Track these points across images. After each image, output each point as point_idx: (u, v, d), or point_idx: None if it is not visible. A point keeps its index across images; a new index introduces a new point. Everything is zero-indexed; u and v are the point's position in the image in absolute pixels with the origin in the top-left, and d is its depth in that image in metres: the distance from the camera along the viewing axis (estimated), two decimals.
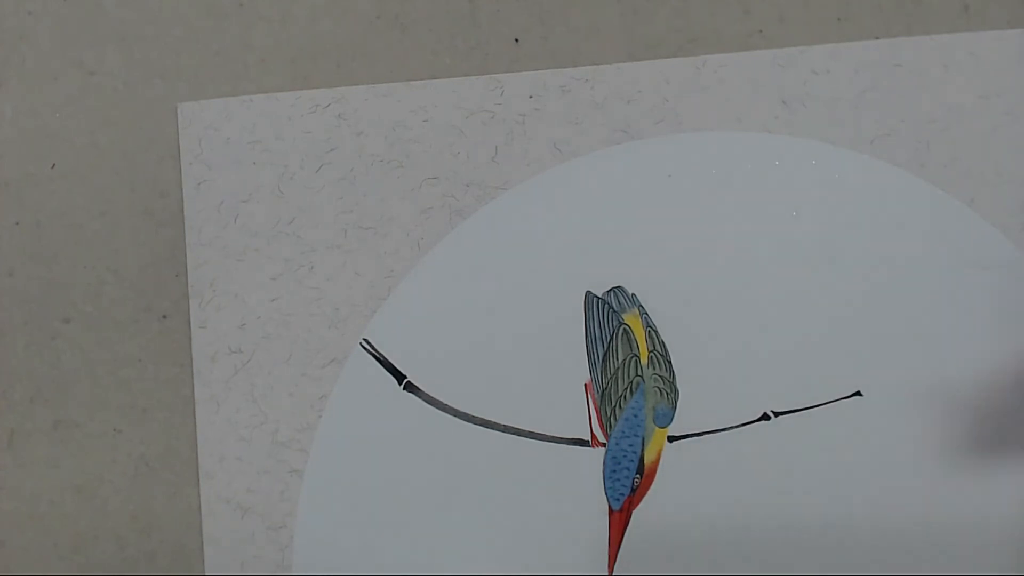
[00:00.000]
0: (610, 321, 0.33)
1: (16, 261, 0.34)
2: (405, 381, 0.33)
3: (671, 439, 0.33)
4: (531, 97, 0.34)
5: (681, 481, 0.32)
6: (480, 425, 0.33)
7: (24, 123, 0.35)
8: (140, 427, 0.33)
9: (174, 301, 0.34)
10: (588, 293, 0.33)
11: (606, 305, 0.33)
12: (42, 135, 0.35)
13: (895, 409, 0.32)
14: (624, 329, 0.33)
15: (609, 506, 0.32)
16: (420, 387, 0.33)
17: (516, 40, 0.34)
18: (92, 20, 0.35)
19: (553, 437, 0.33)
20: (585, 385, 0.33)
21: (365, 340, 0.33)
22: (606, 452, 0.32)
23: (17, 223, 0.34)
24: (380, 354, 0.33)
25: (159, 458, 0.33)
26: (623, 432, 0.33)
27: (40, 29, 0.35)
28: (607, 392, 0.33)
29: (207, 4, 0.35)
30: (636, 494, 0.32)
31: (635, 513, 0.32)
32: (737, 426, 0.32)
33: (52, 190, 0.35)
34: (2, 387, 0.34)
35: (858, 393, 0.32)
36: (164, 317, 0.34)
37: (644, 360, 0.33)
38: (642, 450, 0.32)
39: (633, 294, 0.33)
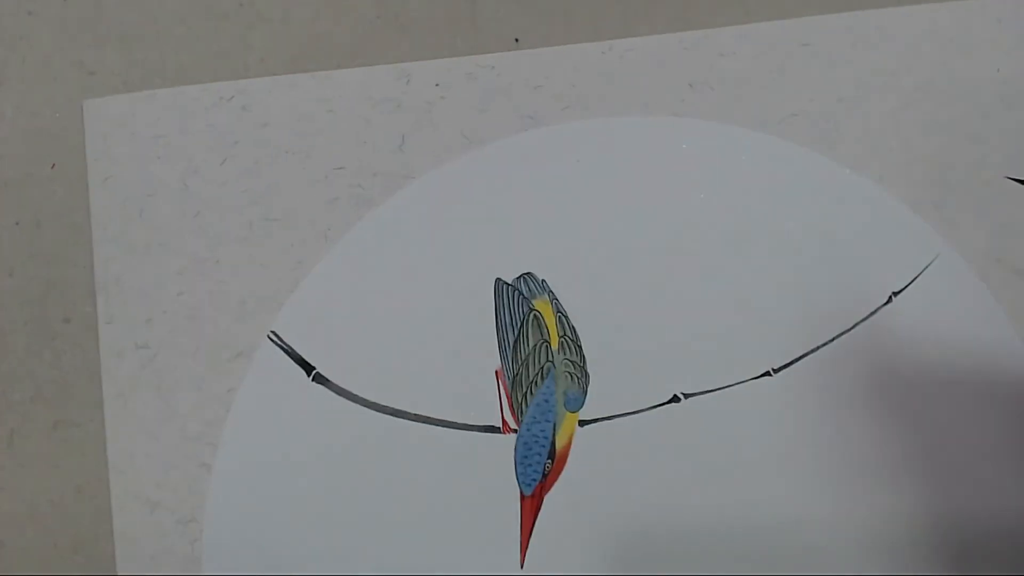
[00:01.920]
0: (520, 307, 0.33)
1: (16, 261, 0.34)
2: (314, 372, 0.33)
3: (582, 423, 0.33)
4: (437, 85, 0.34)
5: (592, 465, 0.32)
6: (390, 415, 0.33)
7: (24, 123, 0.35)
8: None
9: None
10: (498, 280, 0.33)
11: (516, 292, 0.33)
12: (42, 135, 0.35)
13: (805, 388, 0.32)
14: (534, 315, 0.33)
15: (520, 492, 0.32)
16: (329, 378, 0.33)
17: (516, 40, 0.34)
18: (92, 20, 0.35)
19: (464, 425, 0.33)
20: (496, 372, 0.33)
21: (273, 332, 0.33)
22: (517, 438, 0.32)
23: (17, 223, 0.34)
24: (288, 346, 0.33)
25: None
26: (534, 418, 0.33)
27: (40, 29, 0.35)
28: (518, 378, 0.33)
29: (207, 4, 0.35)
30: (547, 479, 0.32)
31: (547, 498, 0.32)
32: (647, 408, 0.32)
33: (52, 190, 0.34)
34: (2, 387, 0.34)
35: (768, 373, 0.32)
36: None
37: (555, 345, 0.33)
38: (553, 435, 0.32)
39: (543, 280, 0.33)
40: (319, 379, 0.33)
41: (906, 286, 0.33)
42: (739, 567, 0.31)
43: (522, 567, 0.32)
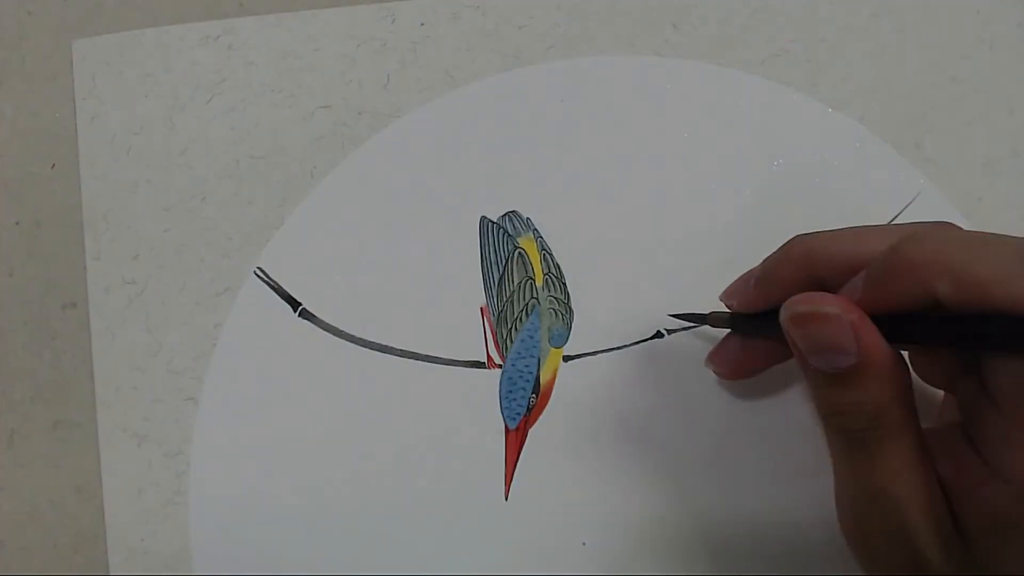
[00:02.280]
0: (505, 245, 0.33)
1: (16, 261, 0.34)
2: (300, 308, 0.33)
3: (566, 359, 0.33)
4: (422, 25, 0.34)
5: (576, 399, 0.32)
6: (376, 350, 0.33)
7: (24, 123, 0.35)
8: None
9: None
10: (483, 218, 0.34)
11: (501, 230, 0.34)
12: (42, 135, 0.35)
13: None
14: (519, 253, 0.33)
15: (505, 426, 0.32)
16: (315, 314, 0.33)
17: None
18: (92, 20, 0.35)
19: (450, 360, 0.33)
20: (481, 309, 0.33)
21: (259, 268, 0.33)
22: (502, 373, 0.33)
23: (17, 223, 0.34)
24: (274, 282, 0.33)
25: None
26: (519, 353, 0.33)
27: (40, 29, 0.35)
28: (503, 315, 0.33)
29: (207, 4, 0.35)
30: (532, 413, 0.32)
31: (531, 432, 0.32)
32: (631, 344, 0.33)
33: (52, 190, 0.35)
34: (2, 387, 0.34)
35: None
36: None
37: (539, 282, 0.33)
38: (538, 370, 0.33)
39: (528, 218, 0.34)
40: (305, 315, 0.33)
41: (888, 223, 0.33)
42: (720, 497, 0.31)
43: (506, 499, 0.32)
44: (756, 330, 0.29)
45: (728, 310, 0.30)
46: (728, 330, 0.30)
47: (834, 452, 0.26)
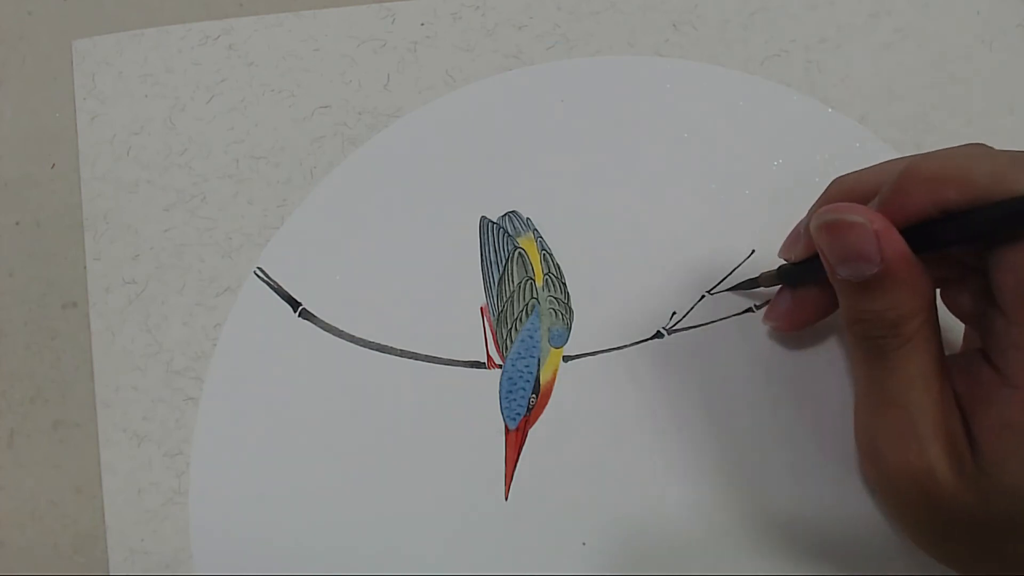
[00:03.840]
0: (505, 245, 0.33)
1: (16, 261, 0.34)
2: (300, 308, 0.33)
3: (566, 359, 0.33)
4: (422, 25, 0.34)
5: (576, 400, 0.32)
6: (376, 350, 0.33)
7: (24, 123, 0.35)
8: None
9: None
10: (483, 218, 0.34)
11: (501, 230, 0.34)
12: (42, 135, 0.35)
13: None
14: (519, 253, 0.33)
15: (505, 426, 0.32)
16: (315, 314, 0.33)
17: None
18: (92, 20, 0.35)
19: (450, 360, 0.33)
20: (481, 309, 0.33)
21: (259, 269, 0.33)
22: (502, 373, 0.33)
23: (17, 223, 0.34)
24: (274, 282, 0.33)
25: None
26: (519, 353, 0.33)
27: (40, 29, 0.35)
28: (503, 315, 0.33)
29: (207, 4, 0.35)
30: (532, 413, 0.32)
31: (531, 432, 0.32)
32: (631, 344, 0.33)
33: (52, 190, 0.35)
34: (2, 387, 0.34)
35: (750, 309, 0.33)
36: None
37: (539, 282, 0.33)
38: (538, 370, 0.33)
39: (528, 218, 0.34)
40: (305, 315, 0.33)
41: None
42: (720, 497, 0.31)
43: (506, 499, 0.32)
44: (805, 277, 0.30)
45: (774, 269, 0.31)
46: (779, 286, 0.31)
47: (855, 362, 0.27)
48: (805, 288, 0.30)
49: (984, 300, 0.27)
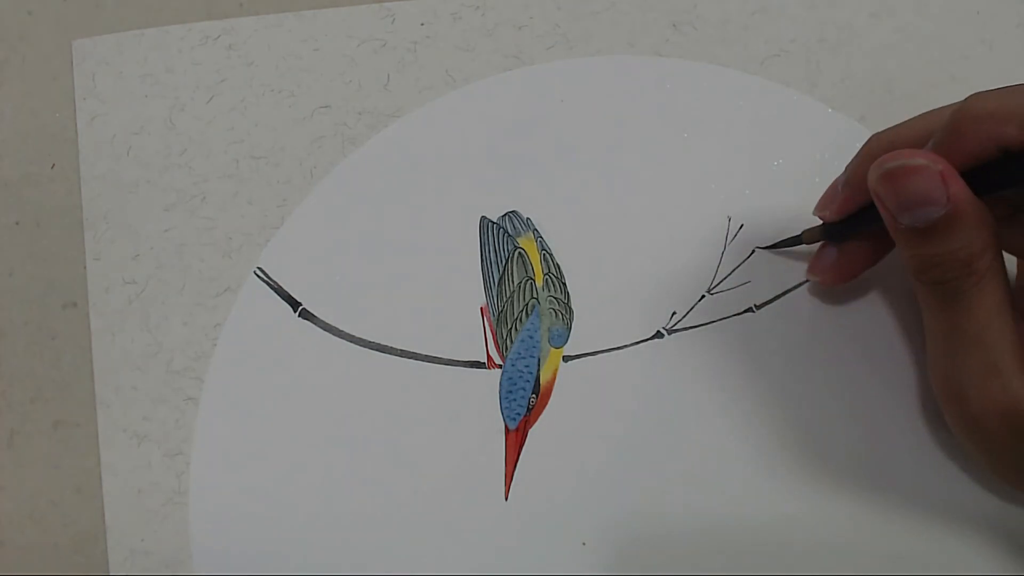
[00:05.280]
0: (505, 245, 0.33)
1: (16, 261, 0.34)
2: (300, 308, 0.33)
3: (566, 359, 0.33)
4: (422, 25, 0.34)
5: (576, 400, 0.32)
6: (376, 350, 0.33)
7: (24, 123, 0.35)
8: None
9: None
10: (483, 218, 0.34)
11: (501, 230, 0.34)
12: (42, 135, 0.35)
13: (787, 324, 0.32)
14: (519, 253, 0.33)
15: (505, 426, 0.32)
16: (315, 314, 0.33)
17: None
18: (92, 20, 0.35)
19: (450, 360, 0.33)
20: (481, 309, 0.33)
21: (259, 268, 0.33)
22: (502, 373, 0.33)
23: (17, 223, 0.34)
24: (274, 282, 0.33)
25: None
26: (519, 353, 0.33)
27: (40, 29, 0.35)
28: (503, 315, 0.33)
29: (207, 4, 0.35)
30: (532, 413, 0.32)
31: (531, 432, 0.32)
32: (631, 344, 0.33)
33: (52, 190, 0.35)
34: (2, 387, 0.34)
35: (751, 309, 0.33)
36: None
37: (539, 282, 0.33)
38: (538, 370, 0.33)
39: (528, 218, 0.34)
40: (305, 315, 0.33)
41: None
42: (719, 497, 0.31)
43: (506, 499, 0.32)
44: (849, 231, 0.30)
45: (818, 225, 0.31)
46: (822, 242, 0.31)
47: (928, 308, 0.27)
48: (850, 242, 0.30)
49: None
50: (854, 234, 0.30)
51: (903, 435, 0.31)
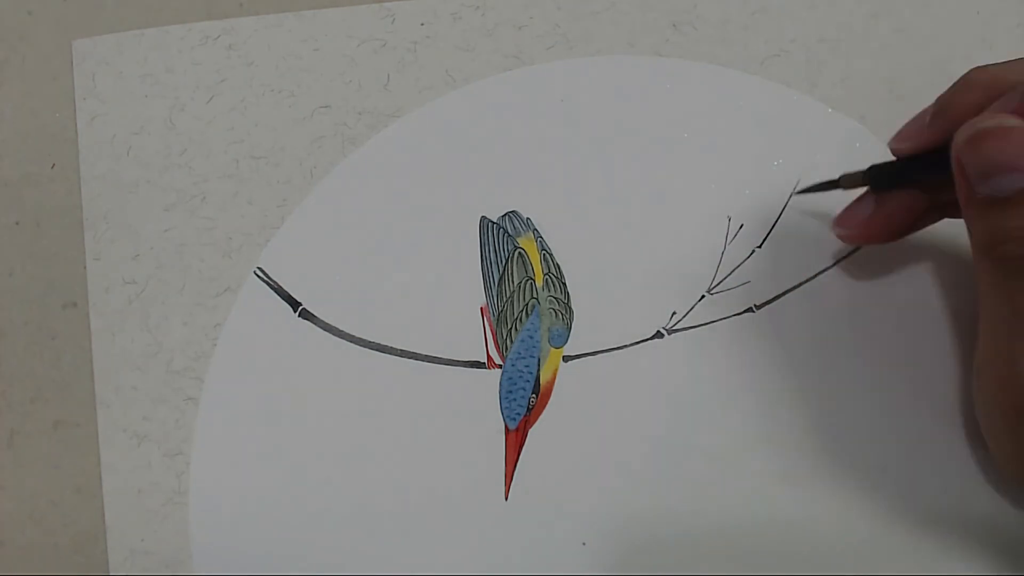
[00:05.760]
0: (505, 245, 0.33)
1: (16, 261, 0.34)
2: (300, 308, 0.33)
3: (566, 359, 0.33)
4: (422, 25, 0.35)
5: (576, 400, 0.32)
6: (376, 350, 0.33)
7: (24, 123, 0.35)
8: None
9: None
10: (483, 218, 0.34)
11: (501, 230, 0.34)
12: (42, 135, 0.35)
13: (787, 324, 0.32)
14: (519, 253, 0.33)
15: (505, 426, 0.32)
16: (315, 314, 0.33)
17: None
18: (92, 20, 0.35)
19: (450, 360, 0.33)
20: (481, 309, 0.33)
21: (259, 269, 0.33)
22: (502, 373, 0.33)
23: (17, 223, 0.34)
24: (274, 282, 0.33)
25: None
26: (519, 353, 0.33)
27: (40, 29, 0.35)
28: (503, 315, 0.33)
29: (207, 4, 0.35)
30: (532, 413, 0.32)
31: (531, 432, 0.32)
32: (631, 344, 0.33)
33: (52, 190, 0.35)
34: (2, 387, 0.34)
35: (751, 309, 0.33)
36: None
37: (539, 282, 0.33)
38: (538, 370, 0.33)
39: (528, 218, 0.34)
40: (305, 315, 0.33)
41: None
42: (720, 497, 0.31)
43: (507, 499, 0.32)
44: (905, 178, 0.28)
45: (860, 170, 0.30)
46: (860, 193, 0.30)
47: (991, 288, 0.26)
48: (894, 195, 0.29)
49: None
50: (905, 183, 0.28)
51: (904, 435, 0.31)
